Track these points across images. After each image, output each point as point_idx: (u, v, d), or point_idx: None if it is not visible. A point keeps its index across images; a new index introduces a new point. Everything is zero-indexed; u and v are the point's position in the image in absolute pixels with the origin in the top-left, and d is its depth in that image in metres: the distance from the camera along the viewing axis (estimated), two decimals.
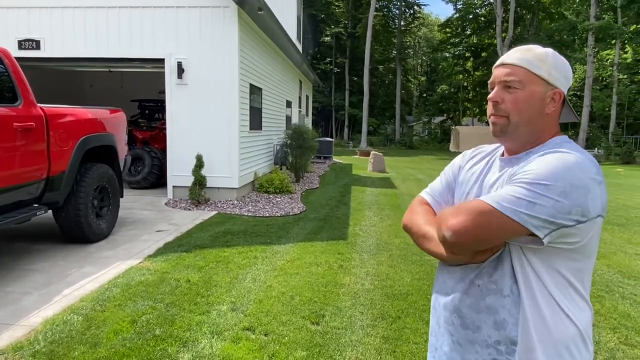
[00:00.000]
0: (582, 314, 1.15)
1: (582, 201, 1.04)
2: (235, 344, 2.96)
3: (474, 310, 1.18)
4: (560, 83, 1.19)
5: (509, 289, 1.13)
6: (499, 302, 1.14)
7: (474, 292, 1.18)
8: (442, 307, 1.27)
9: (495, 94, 1.21)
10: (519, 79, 1.17)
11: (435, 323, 1.32)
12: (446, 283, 1.26)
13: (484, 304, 1.16)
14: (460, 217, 1.10)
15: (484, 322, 1.16)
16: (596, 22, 25.77)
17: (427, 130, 43.92)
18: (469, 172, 1.35)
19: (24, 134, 4.16)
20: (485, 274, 1.16)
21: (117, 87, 12.25)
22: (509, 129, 1.20)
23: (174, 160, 7.97)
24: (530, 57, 1.18)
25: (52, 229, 5.49)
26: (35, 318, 3.25)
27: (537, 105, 1.17)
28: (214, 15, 7.72)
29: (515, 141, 1.22)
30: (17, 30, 7.88)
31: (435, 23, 52.21)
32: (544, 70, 1.17)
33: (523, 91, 1.17)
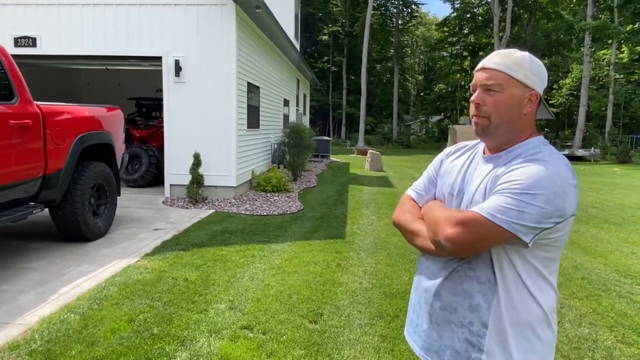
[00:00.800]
0: (547, 297, 1.27)
1: (561, 205, 1.16)
2: (233, 342, 2.96)
3: (452, 293, 1.30)
4: (537, 85, 1.28)
5: (485, 277, 1.25)
6: (475, 288, 1.26)
7: (453, 277, 1.30)
8: (424, 289, 1.39)
9: (477, 97, 1.30)
10: (498, 83, 1.26)
11: (416, 302, 1.45)
12: (429, 269, 1.38)
13: (461, 288, 1.29)
14: (458, 229, 1.19)
15: (460, 304, 1.29)
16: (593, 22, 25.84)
17: (424, 129, 43.94)
18: (450, 165, 1.46)
19: (21, 131, 4.14)
20: (464, 262, 1.28)
21: (114, 85, 12.20)
22: (490, 128, 1.29)
23: (171, 158, 7.95)
24: (508, 62, 1.27)
25: (48, 227, 5.46)
26: (32, 317, 3.24)
27: (516, 107, 1.27)
28: (211, 13, 7.69)
29: (496, 140, 1.31)
30: (14, 27, 7.83)
31: (433, 22, 52.21)
32: (521, 74, 1.26)
33: (502, 94, 1.26)
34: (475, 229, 1.17)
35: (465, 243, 1.19)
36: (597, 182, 14.25)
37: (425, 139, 40.38)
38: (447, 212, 1.28)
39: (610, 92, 26.98)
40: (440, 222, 1.24)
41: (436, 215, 1.29)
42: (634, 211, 8.63)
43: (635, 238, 6.42)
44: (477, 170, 1.35)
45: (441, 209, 1.33)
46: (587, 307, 3.80)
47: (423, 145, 37.65)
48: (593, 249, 5.71)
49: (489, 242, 1.20)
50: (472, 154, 1.43)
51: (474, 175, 1.34)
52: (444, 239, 1.21)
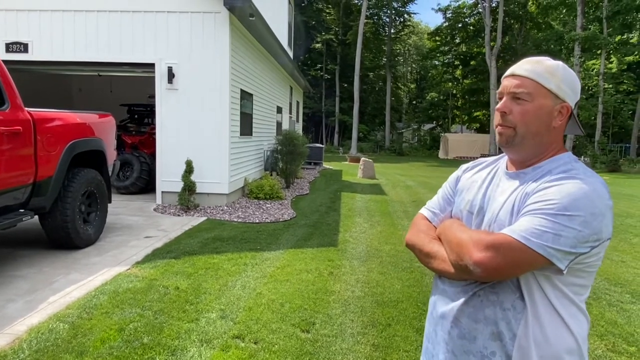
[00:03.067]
0: (581, 325, 1.17)
1: (598, 228, 1.07)
2: (224, 352, 2.93)
3: (472, 320, 1.18)
4: (569, 97, 1.19)
5: (510, 303, 1.14)
6: (498, 315, 1.15)
7: (474, 302, 1.19)
8: (440, 315, 1.27)
9: (503, 105, 1.21)
10: (528, 91, 1.17)
11: (432, 330, 1.32)
12: (446, 292, 1.26)
13: (482, 314, 1.17)
14: (489, 253, 1.09)
15: (481, 332, 1.17)
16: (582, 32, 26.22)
17: (416, 137, 44.17)
18: (469, 180, 1.36)
19: (11, 138, 4.10)
20: (487, 285, 1.17)
21: (107, 92, 12.15)
22: (516, 140, 1.20)
23: (163, 165, 7.91)
24: (540, 70, 1.18)
25: (38, 234, 5.40)
26: (20, 326, 3.19)
27: (545, 119, 1.18)
28: (205, 21, 7.71)
29: (521, 153, 1.22)
30: (5, 33, 7.79)
31: (425, 31, 52.69)
32: (553, 84, 1.17)
33: (532, 104, 1.17)
34: (507, 254, 1.07)
35: (496, 269, 1.08)
36: None
37: (417, 147, 40.58)
38: (473, 233, 1.17)
39: (600, 101, 27.32)
40: (467, 245, 1.13)
41: (460, 236, 1.18)
42: (623, 219, 8.72)
43: (624, 246, 6.47)
44: (500, 186, 1.25)
45: (464, 229, 1.22)
46: None
47: (415, 153, 37.83)
48: None
49: (521, 268, 1.10)
50: (494, 169, 1.33)
51: (497, 191, 1.24)
52: (473, 264, 1.10)
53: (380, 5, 41.52)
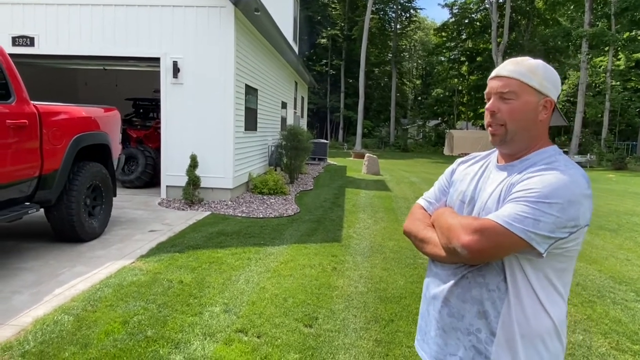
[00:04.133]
0: (558, 309, 1.26)
1: (575, 215, 1.16)
2: (227, 345, 2.95)
3: (460, 300, 1.30)
4: (551, 92, 1.29)
5: (495, 284, 1.25)
6: (484, 295, 1.26)
7: (462, 283, 1.30)
8: (432, 296, 1.39)
9: (492, 105, 1.31)
10: (513, 90, 1.27)
11: (425, 309, 1.45)
12: (438, 275, 1.38)
13: (469, 294, 1.28)
14: (475, 236, 1.19)
15: (468, 311, 1.28)
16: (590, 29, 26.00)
17: (421, 133, 44.05)
18: (463, 173, 1.47)
19: (17, 131, 4.12)
20: (475, 268, 1.28)
21: (112, 86, 12.18)
22: (507, 137, 1.30)
23: (168, 159, 7.93)
24: (523, 70, 1.28)
25: (43, 227, 5.44)
26: (25, 318, 3.22)
27: (531, 114, 1.28)
28: (210, 15, 7.70)
29: (513, 147, 1.32)
30: (11, 27, 7.81)
31: (431, 27, 52.42)
32: (535, 82, 1.27)
33: (518, 101, 1.27)
34: (491, 237, 1.17)
35: (481, 251, 1.18)
36: (592, 188, 14.28)
37: (422, 143, 40.48)
38: (462, 219, 1.27)
39: (607, 98, 27.13)
40: (456, 229, 1.23)
41: (450, 222, 1.28)
42: (629, 218, 8.67)
43: (630, 245, 6.44)
44: (490, 178, 1.35)
45: (454, 215, 1.32)
46: (582, 313, 3.81)
47: (420, 149, 37.74)
48: (588, 255, 5.73)
49: (504, 250, 1.19)
50: (486, 163, 1.43)
51: (487, 183, 1.35)
52: (461, 247, 1.20)
53: (386, 0, 41.31)
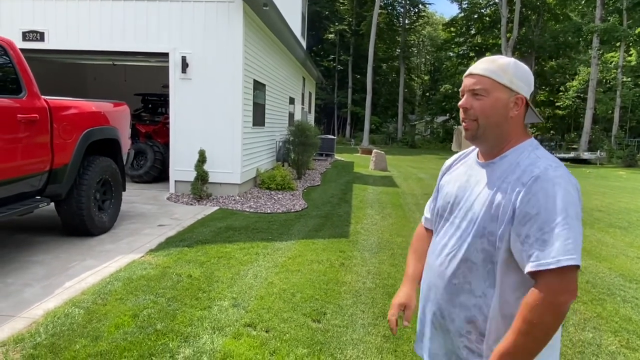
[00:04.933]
0: None
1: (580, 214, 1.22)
2: (236, 340, 2.96)
3: (450, 305, 1.35)
4: (522, 89, 1.32)
5: (481, 291, 1.29)
6: (471, 301, 1.31)
7: (450, 288, 1.35)
8: (424, 298, 1.47)
9: (464, 101, 1.36)
10: (484, 87, 1.32)
11: (421, 312, 1.51)
12: (428, 277, 1.46)
13: (458, 300, 1.34)
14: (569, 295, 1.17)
15: (457, 315, 1.34)
16: (601, 24, 25.69)
17: (429, 129, 43.84)
18: (449, 175, 1.52)
19: (28, 125, 4.16)
20: (460, 275, 1.33)
21: (121, 81, 12.23)
22: (479, 132, 1.34)
23: (176, 154, 7.96)
24: (493, 68, 1.32)
25: (54, 221, 5.49)
26: (37, 310, 3.25)
27: (501, 110, 1.31)
28: (219, 10, 7.70)
29: (487, 143, 1.36)
30: (22, 22, 7.86)
31: (440, 22, 52.02)
32: (506, 79, 1.31)
33: (488, 98, 1.32)
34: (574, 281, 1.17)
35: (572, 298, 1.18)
36: (602, 185, 14.18)
37: (430, 139, 40.30)
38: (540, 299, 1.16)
39: (618, 95, 26.81)
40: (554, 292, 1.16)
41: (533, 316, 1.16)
42: (639, 216, 8.58)
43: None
44: (473, 176, 1.39)
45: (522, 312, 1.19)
46: (592, 311, 3.78)
47: (428, 145, 37.57)
48: (598, 252, 5.69)
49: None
50: (467, 161, 1.49)
51: (471, 181, 1.39)
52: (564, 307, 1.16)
53: None
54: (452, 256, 1.35)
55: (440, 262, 1.39)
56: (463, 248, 1.33)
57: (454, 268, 1.34)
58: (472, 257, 1.30)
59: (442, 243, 1.41)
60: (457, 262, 1.33)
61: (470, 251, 1.31)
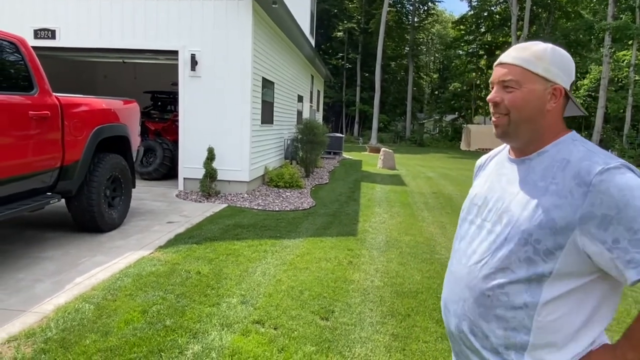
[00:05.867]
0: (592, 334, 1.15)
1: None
2: (244, 336, 2.97)
3: (483, 320, 1.19)
4: (560, 79, 1.17)
5: (522, 301, 1.13)
6: (510, 313, 1.14)
7: (483, 300, 1.18)
8: (452, 313, 1.28)
9: (493, 94, 1.23)
10: (515, 79, 1.18)
11: (449, 330, 1.33)
12: (453, 290, 1.28)
13: (493, 314, 1.17)
14: None
15: (492, 331, 1.17)
16: (613, 22, 25.35)
17: (438, 128, 43.61)
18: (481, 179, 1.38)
19: (39, 122, 4.19)
20: (496, 286, 1.16)
21: (131, 78, 12.31)
22: (510, 128, 1.21)
23: (185, 152, 8.00)
24: (526, 55, 1.18)
25: (64, 217, 5.54)
26: (47, 305, 3.29)
27: (536, 103, 1.17)
28: (228, 8, 7.71)
29: (519, 139, 1.22)
30: (33, 20, 7.93)
31: (449, 20, 51.70)
32: (540, 68, 1.17)
33: (520, 90, 1.17)
34: None
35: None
36: None
37: (438, 138, 40.08)
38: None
39: (630, 93, 26.47)
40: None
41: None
42: None
43: None
44: (505, 175, 1.26)
45: None
46: None
47: (436, 144, 37.37)
48: None
49: None
50: (497, 158, 1.37)
51: (503, 180, 1.25)
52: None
53: None
54: (485, 264, 1.19)
55: (469, 271, 1.23)
56: (500, 256, 1.16)
57: (488, 278, 1.17)
58: (512, 267, 1.14)
59: (471, 249, 1.25)
60: (492, 271, 1.17)
61: (511, 260, 1.14)
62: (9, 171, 3.91)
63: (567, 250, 1.08)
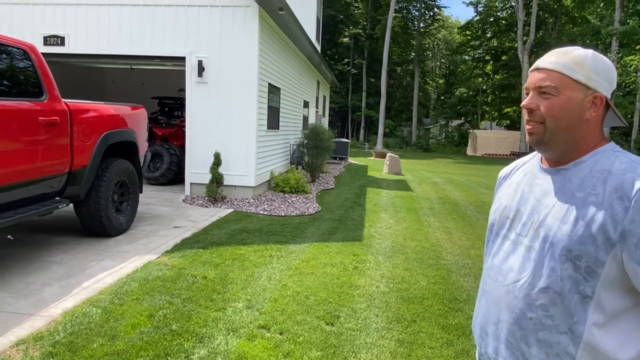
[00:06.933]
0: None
1: None
2: (250, 341, 2.98)
3: (524, 343, 1.12)
4: (602, 87, 1.11)
5: (567, 326, 1.06)
6: (554, 338, 1.08)
7: (525, 323, 1.11)
8: (486, 335, 1.22)
9: (529, 101, 1.16)
10: (554, 85, 1.11)
11: (483, 352, 1.26)
12: (490, 311, 1.21)
13: (535, 337, 1.10)
14: None
15: (535, 355, 1.11)
16: (620, 27, 25.27)
17: (444, 133, 43.56)
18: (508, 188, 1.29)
19: (49, 128, 4.25)
20: (539, 308, 1.09)
21: (139, 84, 12.42)
22: (546, 137, 1.13)
23: (192, 157, 8.05)
24: (566, 61, 1.11)
25: (72, 222, 5.59)
26: (55, 309, 3.32)
27: (575, 111, 1.10)
28: (235, 15, 7.78)
29: (555, 150, 1.15)
30: (43, 27, 8.04)
31: (455, 25, 51.76)
32: (581, 75, 1.10)
33: (558, 97, 1.11)
34: None
35: None
36: None
37: (444, 143, 40.02)
38: None
39: (637, 99, 26.32)
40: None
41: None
42: None
43: None
44: (538, 185, 1.18)
45: None
46: None
47: (442, 149, 37.32)
48: None
49: None
50: (528, 168, 1.27)
51: (536, 191, 1.18)
52: None
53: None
54: (526, 284, 1.11)
55: (508, 291, 1.14)
56: (541, 274, 1.08)
57: (530, 298, 1.09)
58: (555, 286, 1.06)
59: (507, 266, 1.17)
60: (534, 292, 1.09)
61: (553, 278, 1.06)
62: (19, 176, 3.96)
63: (607, 268, 1.01)
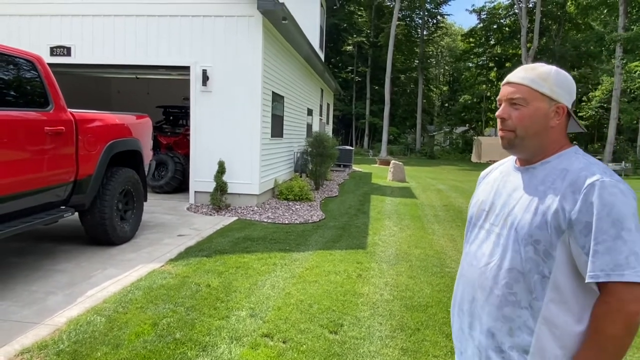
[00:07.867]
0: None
1: None
2: (253, 350, 2.98)
3: (491, 318, 1.27)
4: (564, 98, 1.27)
5: (527, 302, 1.21)
6: (516, 313, 1.22)
7: (492, 300, 1.27)
8: (462, 312, 1.38)
9: (502, 111, 1.31)
10: (523, 97, 1.27)
11: (458, 328, 1.42)
12: (466, 291, 1.37)
13: (500, 312, 1.25)
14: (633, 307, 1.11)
15: (499, 329, 1.25)
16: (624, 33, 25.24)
17: (448, 140, 43.52)
18: (486, 185, 1.46)
19: (54, 137, 4.29)
20: (504, 286, 1.24)
21: (144, 93, 12.52)
22: (516, 142, 1.30)
23: (196, 165, 8.09)
24: (533, 76, 1.28)
25: (76, 230, 5.62)
26: (60, 318, 3.33)
27: (541, 120, 1.27)
28: (239, 25, 7.85)
29: (524, 152, 1.32)
30: (50, 37, 8.14)
31: (459, 33, 51.89)
32: (546, 88, 1.26)
33: (527, 108, 1.27)
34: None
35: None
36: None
37: (449, 150, 39.97)
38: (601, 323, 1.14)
39: None
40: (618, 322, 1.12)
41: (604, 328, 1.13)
42: None
43: None
44: (510, 181, 1.34)
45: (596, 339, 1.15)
46: None
47: (447, 156, 37.27)
48: None
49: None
50: (505, 170, 1.43)
51: (508, 186, 1.34)
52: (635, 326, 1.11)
53: (412, 7, 41.16)
54: (495, 265, 1.27)
55: (481, 273, 1.30)
56: (507, 257, 1.24)
57: (498, 278, 1.25)
58: (518, 267, 1.22)
59: (481, 252, 1.33)
60: (501, 272, 1.25)
61: (516, 260, 1.22)
62: (26, 185, 4.00)
63: (559, 251, 1.17)
